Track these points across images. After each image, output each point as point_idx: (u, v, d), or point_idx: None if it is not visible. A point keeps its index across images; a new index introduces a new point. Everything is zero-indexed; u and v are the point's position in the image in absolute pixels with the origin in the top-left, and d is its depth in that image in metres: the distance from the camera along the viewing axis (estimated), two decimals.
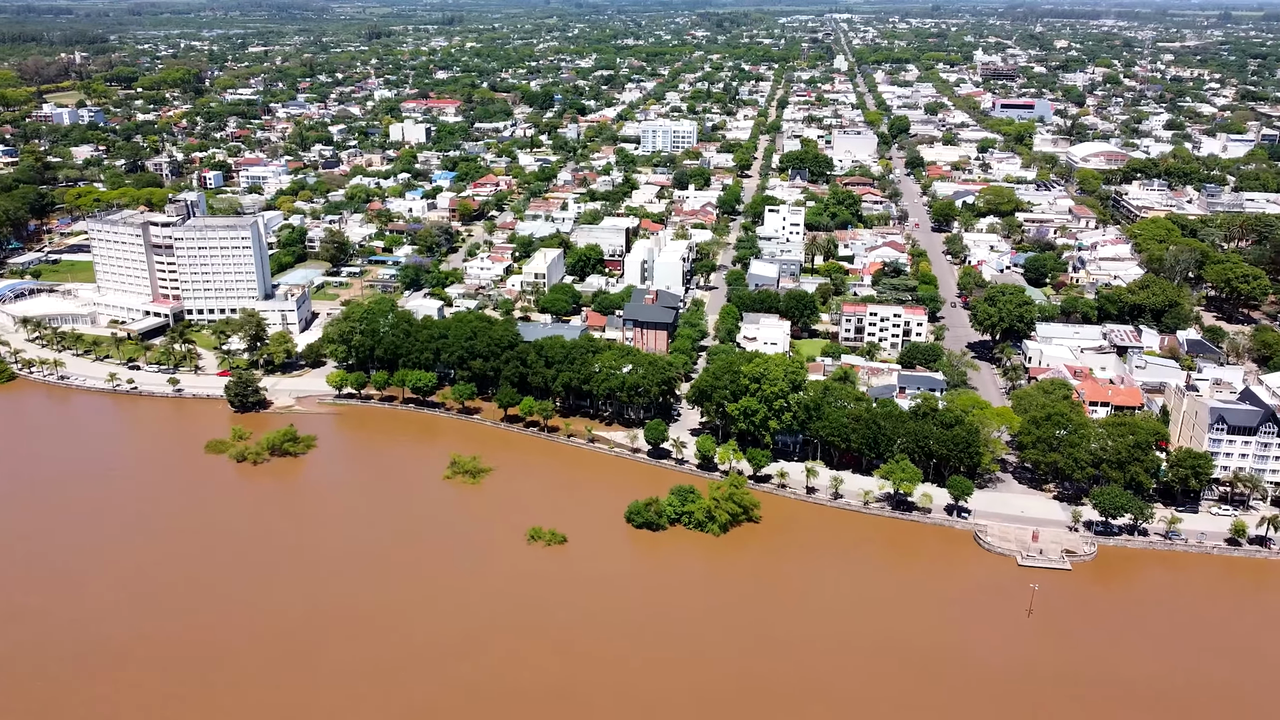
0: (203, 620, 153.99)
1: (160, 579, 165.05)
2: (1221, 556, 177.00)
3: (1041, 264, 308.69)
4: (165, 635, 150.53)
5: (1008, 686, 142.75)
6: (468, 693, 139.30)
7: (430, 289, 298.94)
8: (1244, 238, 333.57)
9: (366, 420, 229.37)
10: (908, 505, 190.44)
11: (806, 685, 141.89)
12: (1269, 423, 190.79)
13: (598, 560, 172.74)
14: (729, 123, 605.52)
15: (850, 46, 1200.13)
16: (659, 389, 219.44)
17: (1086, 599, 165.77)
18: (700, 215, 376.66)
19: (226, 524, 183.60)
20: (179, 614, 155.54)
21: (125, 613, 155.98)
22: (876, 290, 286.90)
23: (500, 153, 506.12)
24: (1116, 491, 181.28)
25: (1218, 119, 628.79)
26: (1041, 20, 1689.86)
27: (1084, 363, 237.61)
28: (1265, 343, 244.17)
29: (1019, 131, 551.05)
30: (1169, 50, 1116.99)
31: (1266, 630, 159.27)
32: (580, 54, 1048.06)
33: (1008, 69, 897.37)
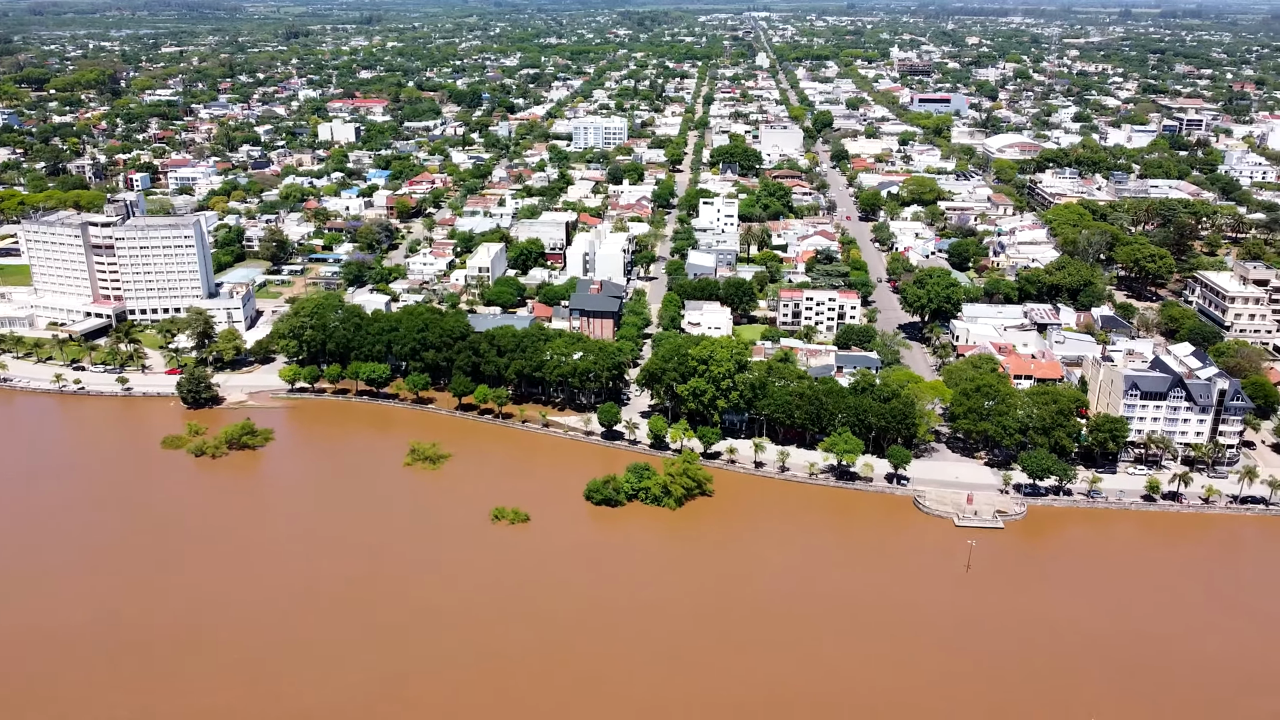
0: (176, 606, 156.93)
1: (128, 569, 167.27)
2: (1138, 512, 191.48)
3: (964, 249, 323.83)
4: (138, 622, 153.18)
5: (952, 633, 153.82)
6: (441, 664, 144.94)
7: (375, 285, 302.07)
8: (1149, 221, 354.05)
9: (321, 413, 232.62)
10: (851, 475, 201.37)
11: (764, 641, 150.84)
12: (1177, 388, 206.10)
13: (561, 536, 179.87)
14: (657, 119, 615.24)
15: (770, 44, 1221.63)
16: (609, 374, 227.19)
17: (1019, 554, 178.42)
18: (636, 209, 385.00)
19: (191, 515, 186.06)
20: (151, 600, 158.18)
21: (98, 601, 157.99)
22: (811, 277, 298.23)
23: (433, 151, 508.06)
24: (1042, 455, 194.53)
25: (1122, 111, 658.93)
26: (953, 18, 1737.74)
27: (1007, 340, 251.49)
28: (1171, 317, 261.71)
29: (937, 124, 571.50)
30: (1074, 46, 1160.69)
31: (1181, 577, 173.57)
32: (504, 53, 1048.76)
33: (923, 65, 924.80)
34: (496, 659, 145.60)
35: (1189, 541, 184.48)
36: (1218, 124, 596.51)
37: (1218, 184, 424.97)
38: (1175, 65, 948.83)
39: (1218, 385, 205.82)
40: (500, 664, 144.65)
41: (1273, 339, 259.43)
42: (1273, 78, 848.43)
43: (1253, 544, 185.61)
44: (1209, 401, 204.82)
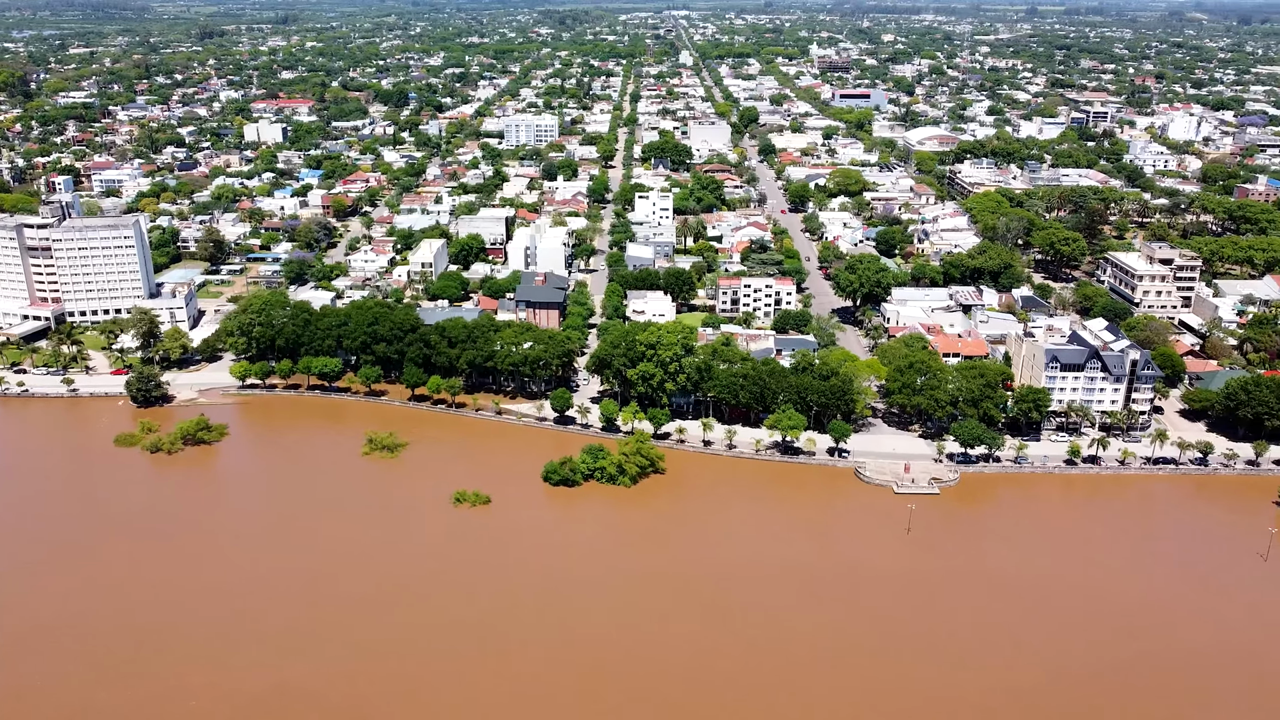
0: (146, 599, 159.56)
1: (93, 566, 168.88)
2: (1061, 475, 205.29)
3: (891, 237, 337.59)
4: (110, 617, 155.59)
5: (897, 590, 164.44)
6: (413, 639, 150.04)
7: (317, 282, 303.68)
8: (1062, 207, 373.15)
9: (274, 408, 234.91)
10: (794, 450, 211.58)
11: (724, 607, 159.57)
12: (1094, 360, 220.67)
13: (523, 516, 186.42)
14: (586, 117, 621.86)
15: (692, 42, 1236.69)
16: (559, 361, 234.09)
17: (954, 517, 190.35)
18: (572, 204, 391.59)
19: (153, 510, 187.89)
20: (121, 595, 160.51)
21: (66, 598, 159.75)
22: (746, 266, 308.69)
23: (364, 150, 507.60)
24: (972, 426, 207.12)
25: (1032, 105, 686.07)
26: (868, 16, 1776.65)
27: (935, 320, 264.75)
28: (1086, 295, 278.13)
29: (859, 119, 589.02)
30: (985, 43, 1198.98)
31: (1102, 531, 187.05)
32: (427, 52, 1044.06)
33: (842, 62, 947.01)
34: (466, 633, 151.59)
35: (1108, 500, 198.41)
36: (1122, 116, 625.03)
37: (1124, 172, 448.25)
38: (1080, 60, 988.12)
39: (1130, 356, 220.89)
40: (471, 638, 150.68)
41: (1178, 314, 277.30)
42: (1171, 72, 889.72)
43: (1164, 500, 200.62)
44: (1122, 372, 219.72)
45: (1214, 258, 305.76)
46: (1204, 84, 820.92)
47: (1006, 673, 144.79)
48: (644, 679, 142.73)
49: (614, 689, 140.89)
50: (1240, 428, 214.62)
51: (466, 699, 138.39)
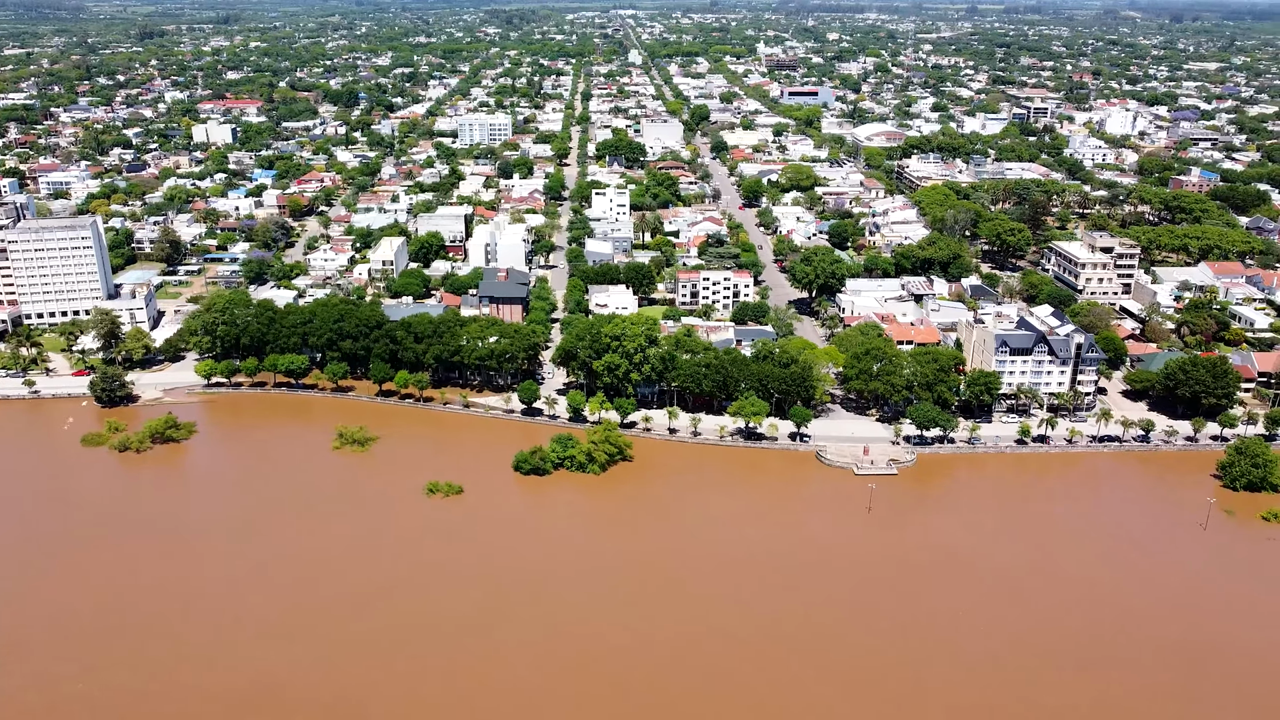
0: (127, 595, 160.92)
1: (70, 564, 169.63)
2: (1012, 454, 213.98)
3: (843, 230, 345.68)
4: (93, 613, 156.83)
5: (860, 565, 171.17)
6: (393, 628, 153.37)
7: (277, 281, 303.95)
8: (1006, 200, 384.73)
9: (241, 405, 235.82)
10: (757, 436, 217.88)
11: (696, 586, 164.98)
12: (1041, 344, 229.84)
13: (495, 504, 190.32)
14: (539, 116, 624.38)
15: (640, 41, 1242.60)
16: (525, 355, 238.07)
17: (912, 496, 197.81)
18: (529, 201, 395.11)
19: (125, 507, 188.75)
20: (101, 592, 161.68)
21: (46, 597, 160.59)
22: (704, 260, 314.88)
23: (316, 150, 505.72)
24: (927, 408, 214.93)
25: (975, 101, 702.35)
26: (812, 15, 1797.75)
27: (888, 310, 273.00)
28: (1031, 283, 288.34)
29: (808, 116, 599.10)
30: (927, 41, 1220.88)
31: (1052, 506, 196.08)
32: (375, 52, 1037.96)
33: (789, 60, 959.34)
34: (447, 622, 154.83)
35: (1057, 477, 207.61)
36: (1061, 111, 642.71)
37: (1064, 165, 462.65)
38: (1020, 58, 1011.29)
39: (1075, 340, 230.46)
40: (451, 626, 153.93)
41: (1119, 299, 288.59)
42: (1107, 69, 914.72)
43: (1110, 476, 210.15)
44: (1068, 355, 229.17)
45: (1151, 246, 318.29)
46: (1139, 80, 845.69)
47: (968, 643, 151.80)
48: (620, 662, 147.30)
49: (591, 673, 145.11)
50: (1179, 406, 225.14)
51: (450, 685, 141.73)
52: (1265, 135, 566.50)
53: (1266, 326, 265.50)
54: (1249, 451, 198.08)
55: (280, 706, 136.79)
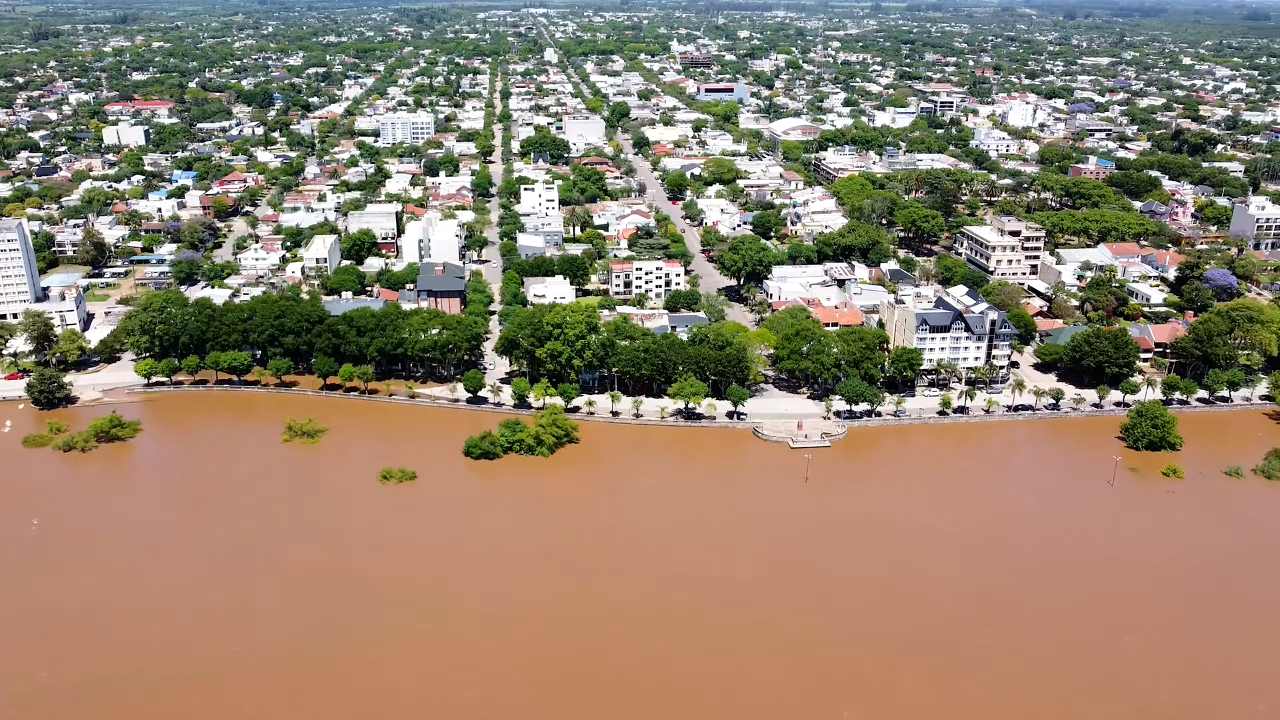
0: (86, 590, 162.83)
1: (23, 565, 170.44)
2: (935, 424, 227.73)
3: (766, 220, 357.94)
4: (53, 603, 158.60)
5: (800, 530, 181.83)
6: (358, 608, 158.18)
7: (208, 281, 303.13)
8: (919, 189, 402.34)
9: (183, 404, 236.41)
10: (697, 415, 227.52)
11: (647, 555, 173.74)
12: (958, 322, 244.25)
13: (450, 487, 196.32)
14: (459, 114, 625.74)
15: (554, 40, 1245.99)
16: (468, 345, 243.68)
17: (845, 465, 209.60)
18: (458, 198, 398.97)
19: (75, 506, 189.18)
20: (61, 589, 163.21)
21: (7, 591, 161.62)
22: (635, 251, 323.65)
23: (235, 151, 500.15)
24: (856, 384, 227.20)
25: (884, 96, 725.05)
26: (722, 13, 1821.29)
27: (813, 294, 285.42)
28: (946, 266, 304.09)
29: (725, 112, 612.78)
30: (835, 38, 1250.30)
31: (973, 471, 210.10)
32: (285, 52, 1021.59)
33: (703, 58, 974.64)
34: (408, 601, 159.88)
35: (977, 444, 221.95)
36: (965, 105, 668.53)
37: (971, 156, 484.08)
38: (925, 54, 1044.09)
39: (989, 318, 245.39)
40: (412, 605, 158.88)
41: (1027, 279, 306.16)
42: (1007, 64, 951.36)
43: (1025, 441, 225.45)
44: (983, 331, 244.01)
45: (1055, 229, 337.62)
46: (1037, 75, 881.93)
47: (902, 599, 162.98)
48: (577, 627, 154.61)
49: (549, 638, 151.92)
50: (1085, 375, 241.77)
51: (413, 655, 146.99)
52: (1155, 126, 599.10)
53: (1161, 302, 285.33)
54: (1149, 414, 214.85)
55: (245, 686, 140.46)
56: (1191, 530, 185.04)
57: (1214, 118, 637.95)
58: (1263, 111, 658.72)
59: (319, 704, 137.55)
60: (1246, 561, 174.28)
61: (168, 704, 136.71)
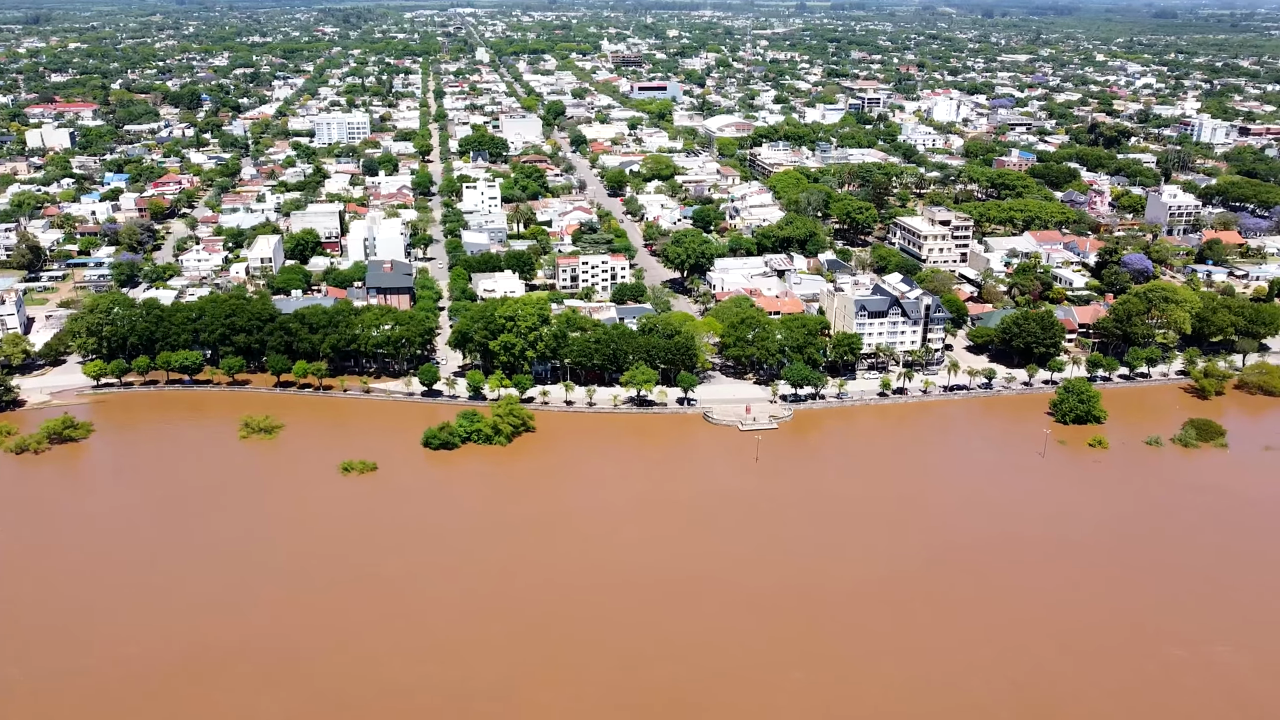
0: (57, 582, 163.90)
1: None
2: (876, 405, 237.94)
3: (706, 214, 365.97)
4: (21, 598, 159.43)
5: (752, 508, 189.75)
6: (329, 592, 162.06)
7: (150, 283, 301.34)
8: (852, 182, 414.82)
9: (135, 404, 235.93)
10: (648, 403, 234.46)
11: (606, 536, 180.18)
12: (895, 307, 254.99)
13: (411, 477, 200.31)
14: (394, 114, 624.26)
15: (484, 40, 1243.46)
16: (421, 339, 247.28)
17: (793, 446, 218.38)
18: (399, 197, 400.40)
19: (37, 503, 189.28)
20: (31, 580, 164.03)
21: None
22: (579, 246, 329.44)
23: (167, 153, 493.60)
24: (800, 369, 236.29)
25: (813, 93, 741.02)
26: (650, 12, 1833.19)
27: (755, 285, 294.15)
28: (881, 256, 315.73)
29: (659, 110, 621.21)
30: (763, 37, 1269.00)
31: (913, 448, 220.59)
32: (209, 52, 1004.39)
33: (634, 57, 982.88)
34: (376, 588, 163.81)
35: (916, 422, 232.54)
36: (892, 101, 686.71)
37: (899, 150, 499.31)
38: (851, 52, 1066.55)
39: (924, 303, 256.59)
40: (380, 591, 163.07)
41: (957, 267, 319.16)
42: (930, 61, 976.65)
43: (961, 419, 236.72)
44: (918, 316, 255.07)
45: (982, 219, 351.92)
46: (959, 71, 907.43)
47: (853, 567, 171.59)
48: (540, 605, 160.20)
49: (513, 616, 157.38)
50: (1015, 356, 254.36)
51: (382, 636, 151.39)
52: (1072, 120, 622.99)
53: (1083, 285, 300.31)
54: (1075, 390, 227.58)
55: (220, 671, 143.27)
56: (1117, 495, 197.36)
57: (1127, 112, 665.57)
58: (1172, 105, 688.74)
59: (293, 686, 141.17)
60: (1167, 521, 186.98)
61: (150, 692, 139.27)
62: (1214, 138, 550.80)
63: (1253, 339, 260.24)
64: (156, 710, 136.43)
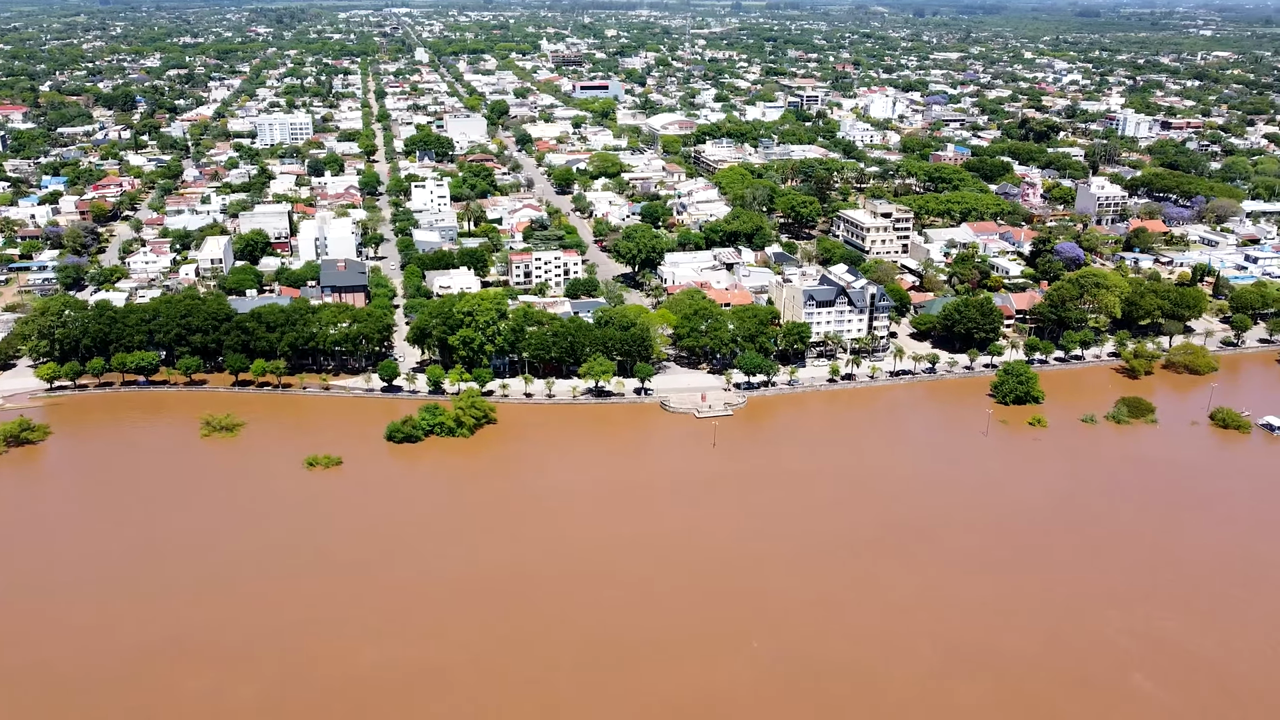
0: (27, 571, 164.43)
1: None
2: (826, 391, 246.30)
3: (654, 210, 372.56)
4: None
5: (712, 489, 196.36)
6: (298, 585, 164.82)
7: (98, 286, 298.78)
8: (795, 178, 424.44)
9: (90, 406, 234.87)
10: (606, 393, 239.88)
11: (572, 520, 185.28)
12: (842, 296, 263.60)
13: (377, 469, 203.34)
14: (336, 115, 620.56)
15: (422, 40, 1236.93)
16: (380, 335, 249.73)
17: (748, 430, 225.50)
18: (346, 197, 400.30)
19: None
20: None
21: None
22: (530, 243, 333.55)
23: (104, 155, 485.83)
24: (752, 357, 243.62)
25: (752, 91, 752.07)
26: (587, 11, 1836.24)
27: (705, 278, 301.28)
28: (826, 248, 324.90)
29: (603, 108, 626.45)
30: (701, 36, 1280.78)
31: (863, 430, 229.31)
32: (140, 53, 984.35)
33: (574, 56, 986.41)
34: (348, 576, 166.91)
35: (864, 406, 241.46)
36: (830, 99, 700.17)
37: (839, 146, 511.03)
38: (788, 51, 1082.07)
39: (869, 292, 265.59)
40: (353, 579, 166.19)
41: (899, 257, 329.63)
42: (865, 59, 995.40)
43: (907, 401, 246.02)
44: (864, 304, 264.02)
45: (921, 212, 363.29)
46: (893, 69, 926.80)
47: (811, 539, 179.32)
48: (510, 585, 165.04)
49: (481, 597, 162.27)
50: (956, 341, 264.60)
51: (356, 632, 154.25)
52: (1003, 115, 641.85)
53: (1018, 273, 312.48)
54: (1014, 372, 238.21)
55: (192, 657, 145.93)
56: (1056, 469, 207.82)
57: (1055, 107, 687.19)
58: (1098, 101, 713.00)
59: (265, 669, 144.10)
60: (1103, 491, 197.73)
61: (123, 677, 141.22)
62: (1138, 132, 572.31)
63: (1178, 321, 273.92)
64: (129, 696, 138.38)
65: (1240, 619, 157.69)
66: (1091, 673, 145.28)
